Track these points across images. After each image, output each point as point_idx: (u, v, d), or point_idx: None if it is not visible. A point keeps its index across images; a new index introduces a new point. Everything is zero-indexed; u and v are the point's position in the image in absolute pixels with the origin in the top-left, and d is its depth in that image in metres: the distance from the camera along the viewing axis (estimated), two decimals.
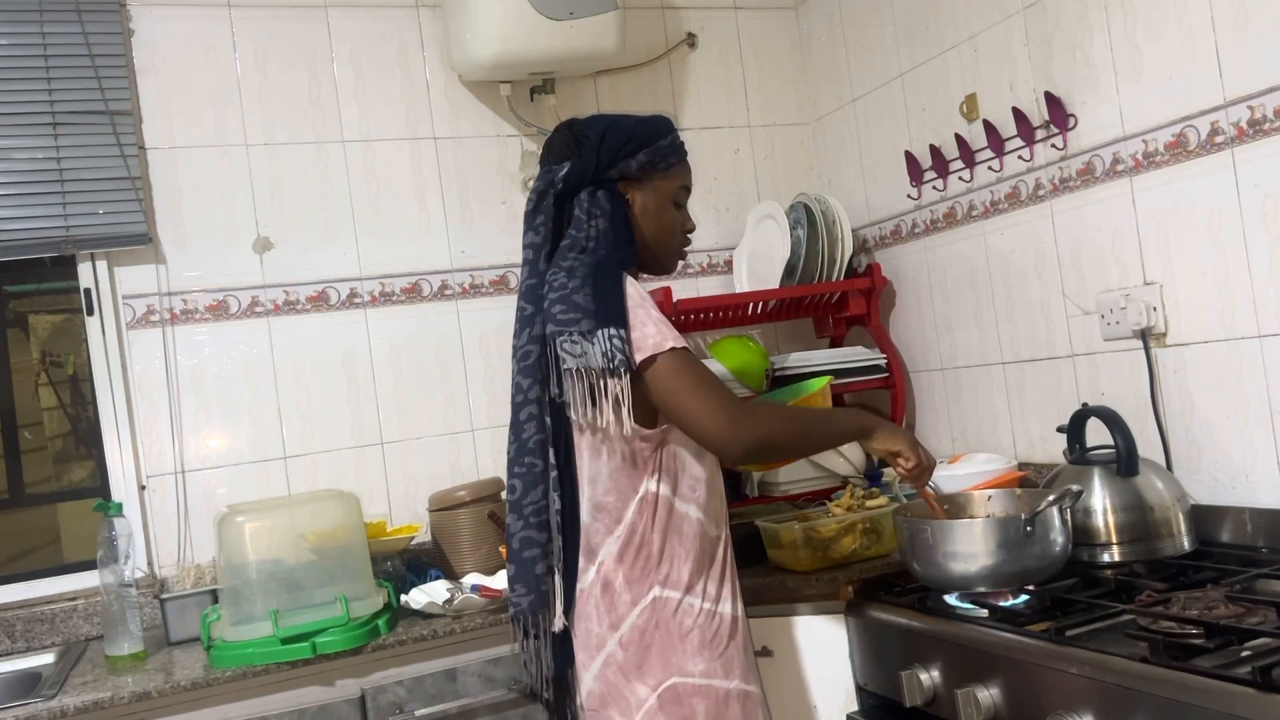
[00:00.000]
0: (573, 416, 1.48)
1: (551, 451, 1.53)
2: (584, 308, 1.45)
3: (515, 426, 1.55)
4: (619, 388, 1.42)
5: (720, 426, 1.44)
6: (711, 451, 1.51)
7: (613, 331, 1.43)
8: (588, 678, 1.54)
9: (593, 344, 1.43)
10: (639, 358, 1.44)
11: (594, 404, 1.44)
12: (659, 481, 1.52)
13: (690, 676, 1.49)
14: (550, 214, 1.57)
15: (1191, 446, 1.89)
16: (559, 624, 1.54)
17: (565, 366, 1.45)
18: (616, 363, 1.41)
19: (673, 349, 1.46)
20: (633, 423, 1.44)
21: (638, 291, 1.51)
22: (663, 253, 1.65)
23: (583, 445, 1.54)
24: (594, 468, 1.53)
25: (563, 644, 1.57)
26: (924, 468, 1.63)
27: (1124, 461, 1.78)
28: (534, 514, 1.54)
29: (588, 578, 1.55)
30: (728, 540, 1.61)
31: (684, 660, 1.50)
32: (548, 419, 1.52)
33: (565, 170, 1.57)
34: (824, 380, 1.93)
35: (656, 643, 1.50)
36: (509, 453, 1.57)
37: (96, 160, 2.27)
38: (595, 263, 1.50)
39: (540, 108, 2.65)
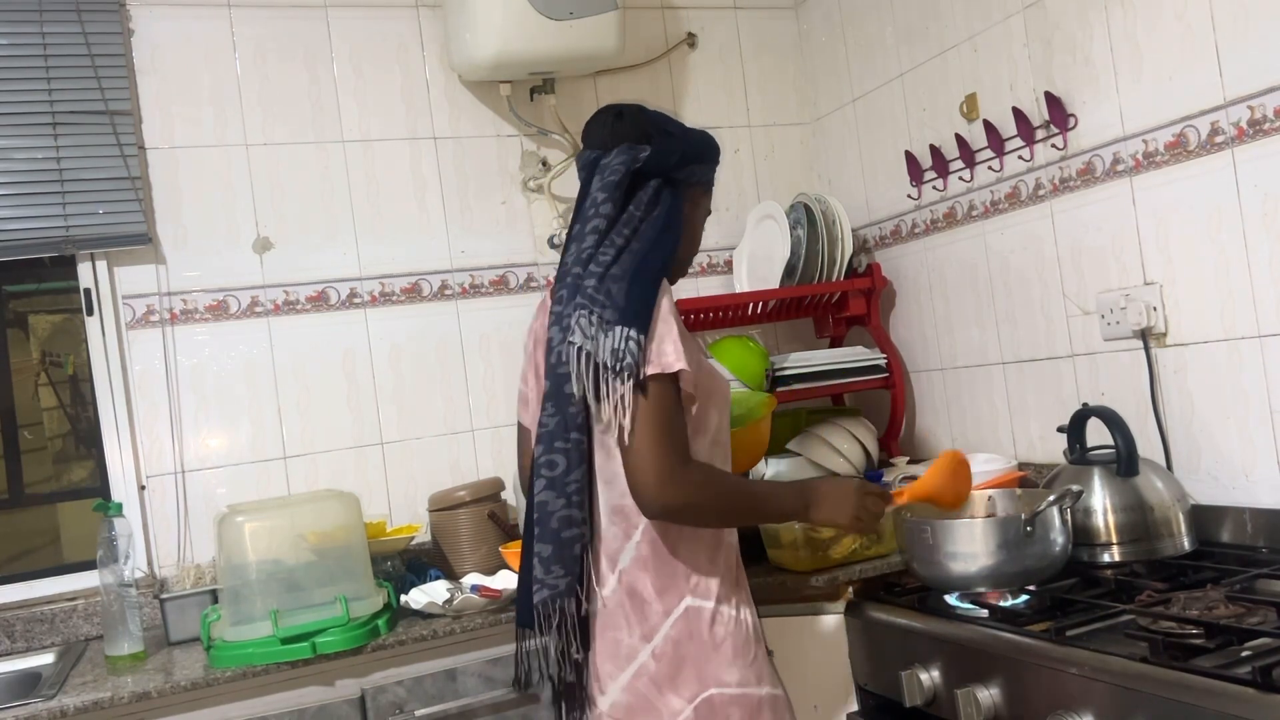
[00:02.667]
0: (575, 393, 1.42)
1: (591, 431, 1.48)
2: (614, 297, 1.42)
3: (559, 398, 1.46)
4: (620, 392, 1.39)
5: (653, 477, 1.38)
6: (632, 494, 1.42)
7: (631, 333, 1.39)
8: (614, 688, 1.48)
9: (606, 336, 1.39)
10: (648, 370, 1.40)
11: (595, 396, 1.40)
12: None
13: (727, 687, 1.46)
14: (626, 190, 1.52)
15: (1191, 446, 1.89)
16: (584, 608, 1.50)
17: (571, 339, 1.41)
18: (624, 365, 1.38)
19: (675, 374, 1.41)
20: (629, 428, 1.38)
21: (669, 304, 1.46)
22: (683, 264, 1.66)
23: (597, 443, 1.49)
24: (609, 468, 1.48)
25: (582, 631, 1.51)
26: (872, 527, 1.60)
27: (1124, 461, 1.78)
28: (576, 492, 1.46)
29: (610, 584, 1.49)
30: (737, 545, 1.59)
31: (720, 670, 1.46)
32: None
33: (648, 153, 1.53)
34: (765, 402, 1.94)
35: (691, 654, 1.46)
36: (546, 425, 1.47)
37: (96, 160, 2.27)
38: (643, 254, 1.47)
39: (540, 108, 2.65)
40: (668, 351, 1.42)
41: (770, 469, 2.47)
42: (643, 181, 1.54)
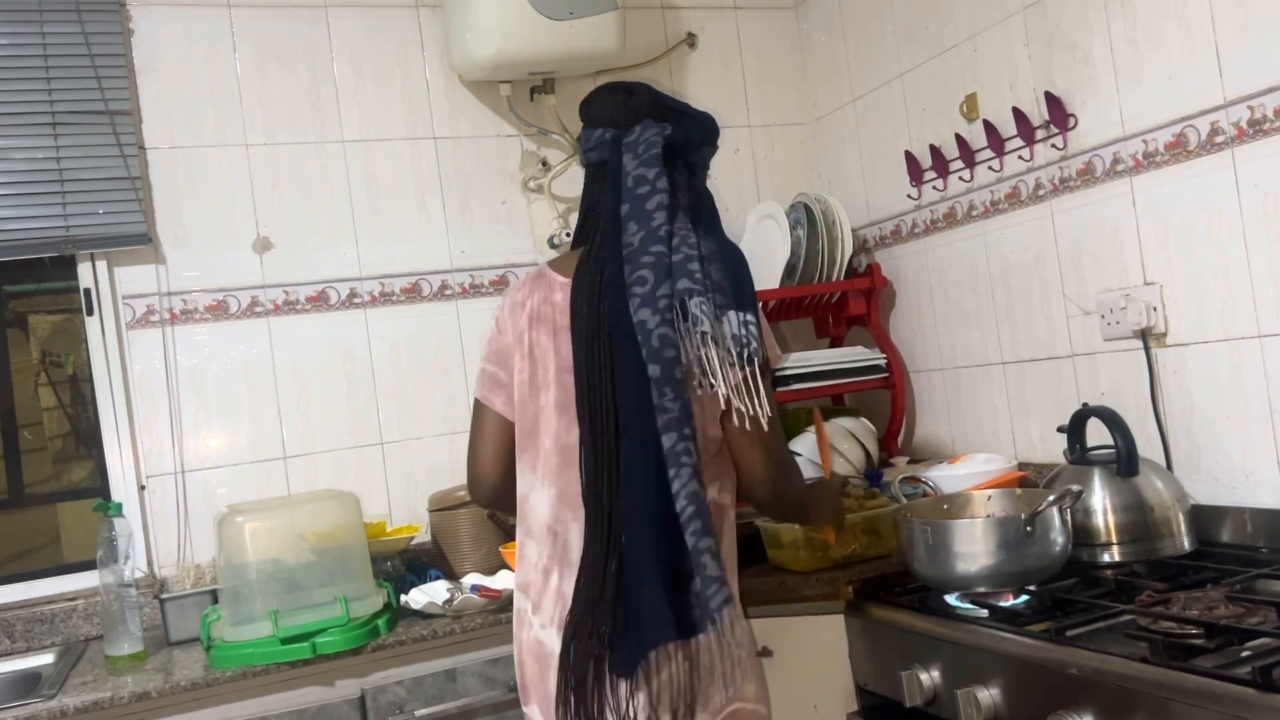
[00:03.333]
0: (703, 384, 1.34)
1: None
2: (716, 281, 1.37)
3: (674, 383, 1.33)
4: (740, 376, 1.34)
5: (774, 465, 1.41)
6: (751, 481, 1.42)
7: (747, 317, 1.35)
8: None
9: (722, 322, 1.34)
10: (765, 354, 1.37)
11: (724, 382, 1.34)
12: (720, 489, 1.45)
13: (748, 701, 1.42)
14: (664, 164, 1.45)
15: (1191, 446, 1.89)
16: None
17: (701, 329, 1.33)
18: (751, 350, 1.33)
19: (773, 366, 1.41)
20: (767, 413, 1.34)
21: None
22: None
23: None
24: None
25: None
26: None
27: (1124, 461, 1.78)
28: (704, 482, 1.36)
29: None
30: None
31: (743, 683, 1.38)
32: None
33: (670, 131, 1.47)
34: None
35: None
36: (670, 411, 1.33)
37: (96, 160, 2.27)
38: (719, 237, 1.44)
39: (540, 108, 2.64)
40: (772, 340, 1.42)
41: None
42: (671, 161, 1.47)
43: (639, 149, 1.45)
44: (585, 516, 1.40)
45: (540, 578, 1.46)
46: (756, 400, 1.34)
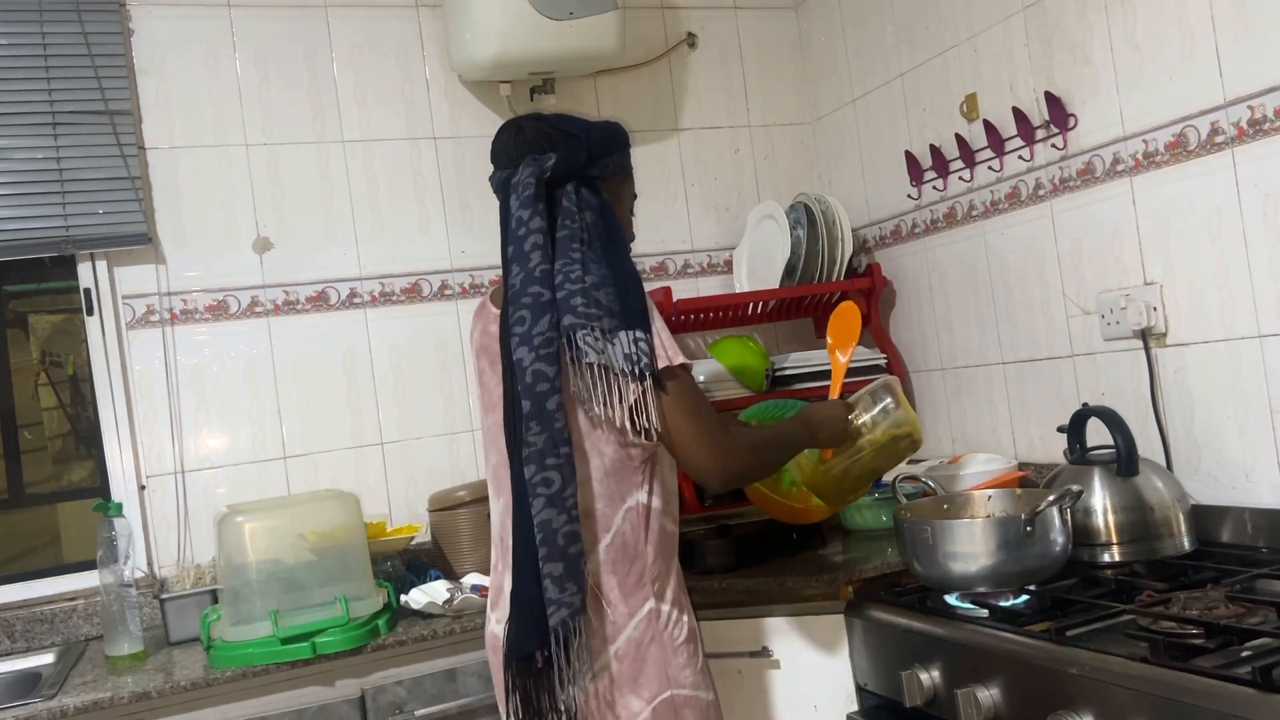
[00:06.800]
0: (595, 412, 1.44)
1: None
2: (606, 306, 1.43)
3: (542, 416, 1.43)
4: (638, 391, 1.42)
5: (711, 455, 1.46)
6: (694, 475, 1.51)
7: (638, 334, 1.42)
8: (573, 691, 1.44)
9: (614, 344, 1.41)
10: (660, 364, 1.43)
11: (611, 404, 1.43)
12: (650, 493, 1.52)
13: (683, 688, 1.49)
14: (545, 200, 1.51)
15: (1191, 446, 1.89)
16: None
17: (587, 360, 1.41)
18: (641, 366, 1.41)
19: (681, 365, 1.46)
20: (656, 428, 1.43)
21: (653, 302, 1.50)
22: None
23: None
24: (583, 472, 1.49)
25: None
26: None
27: (1124, 461, 1.78)
28: (574, 506, 1.43)
29: None
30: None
31: (678, 672, 1.49)
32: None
33: (553, 160, 1.51)
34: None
35: (652, 655, 1.48)
36: (534, 444, 1.43)
37: (96, 160, 2.27)
38: (610, 259, 1.48)
39: (540, 108, 2.64)
40: (666, 344, 1.46)
41: None
42: (560, 187, 1.52)
43: (519, 189, 1.51)
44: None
45: (500, 579, 1.59)
46: (648, 414, 1.43)
